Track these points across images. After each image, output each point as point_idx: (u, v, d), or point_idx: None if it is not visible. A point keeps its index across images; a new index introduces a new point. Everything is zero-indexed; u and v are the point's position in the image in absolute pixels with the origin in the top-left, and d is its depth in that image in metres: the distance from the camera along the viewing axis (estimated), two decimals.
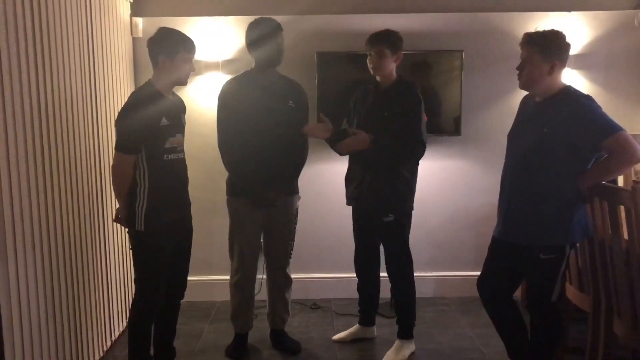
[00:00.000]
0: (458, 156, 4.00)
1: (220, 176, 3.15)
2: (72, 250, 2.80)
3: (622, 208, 2.43)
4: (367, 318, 3.39)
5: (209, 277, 3.99)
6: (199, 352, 3.29)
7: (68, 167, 2.77)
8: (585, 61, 3.88)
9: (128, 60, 3.69)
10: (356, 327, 3.40)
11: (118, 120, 2.60)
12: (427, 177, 3.94)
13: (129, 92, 3.34)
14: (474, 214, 4.02)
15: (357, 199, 3.14)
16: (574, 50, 3.84)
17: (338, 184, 3.88)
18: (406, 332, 3.19)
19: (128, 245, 2.74)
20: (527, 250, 2.49)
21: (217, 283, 3.94)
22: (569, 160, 2.40)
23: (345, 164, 3.92)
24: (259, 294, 3.36)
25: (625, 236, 2.44)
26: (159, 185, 2.60)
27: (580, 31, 3.87)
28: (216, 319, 3.75)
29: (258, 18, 2.99)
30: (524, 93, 2.62)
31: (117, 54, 3.47)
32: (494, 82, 3.92)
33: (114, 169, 2.62)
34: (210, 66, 3.79)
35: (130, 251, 2.73)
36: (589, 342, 2.79)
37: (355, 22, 3.82)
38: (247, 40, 2.97)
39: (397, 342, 3.18)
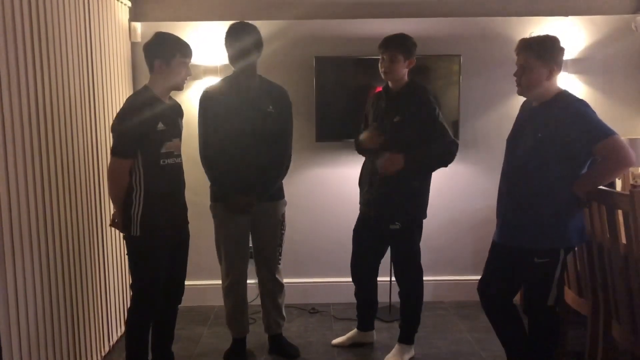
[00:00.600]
0: (456, 160, 3.92)
1: None
2: (70, 254, 2.79)
3: (620, 212, 2.44)
4: (366, 323, 3.37)
5: (207, 282, 3.99)
6: (198, 356, 3.29)
7: (66, 171, 2.77)
8: (582, 66, 3.90)
9: (127, 65, 3.70)
10: (355, 331, 3.39)
11: (114, 125, 2.60)
12: None
13: (127, 97, 3.34)
14: (472, 218, 4.03)
15: (365, 204, 3.14)
16: (571, 55, 3.87)
17: (338, 189, 3.90)
18: (408, 337, 3.18)
19: (125, 250, 2.73)
20: (522, 254, 2.50)
21: (215, 287, 3.91)
22: (563, 164, 2.41)
23: (344, 169, 3.93)
24: (257, 298, 3.35)
25: (624, 240, 2.45)
26: (155, 190, 2.60)
27: (577, 36, 3.89)
28: (215, 323, 3.75)
29: (237, 22, 2.97)
30: (522, 98, 2.63)
31: (115, 58, 3.47)
32: (492, 87, 3.93)
33: (110, 174, 2.61)
34: (208, 71, 3.80)
35: (127, 256, 2.72)
36: (588, 347, 2.79)
37: (353, 27, 3.83)
38: (228, 46, 2.93)
39: (397, 346, 3.17)
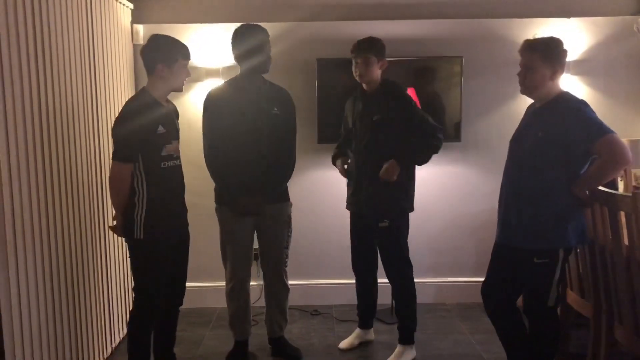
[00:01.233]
0: (458, 162, 4.00)
1: None
2: (72, 256, 2.80)
3: (622, 214, 2.44)
4: (364, 320, 3.40)
5: (209, 284, 3.99)
6: (200, 358, 3.29)
7: (69, 173, 2.78)
8: (584, 67, 3.90)
9: (129, 68, 3.70)
10: (358, 331, 3.41)
11: (114, 129, 2.59)
12: (427, 183, 3.95)
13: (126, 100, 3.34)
14: (474, 219, 4.02)
15: (354, 204, 3.19)
16: (573, 56, 3.87)
17: (338, 190, 3.89)
18: (407, 337, 3.18)
19: (127, 253, 2.73)
20: (522, 254, 2.50)
21: (217, 289, 3.93)
22: (563, 164, 2.42)
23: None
24: (259, 300, 3.36)
25: (626, 242, 2.45)
26: (157, 193, 2.60)
27: (579, 37, 3.89)
28: (217, 325, 3.75)
29: (244, 24, 2.98)
30: (524, 98, 2.63)
31: (118, 61, 3.48)
32: (494, 88, 3.93)
33: (111, 178, 2.61)
34: (211, 73, 3.80)
35: (129, 259, 2.72)
36: (590, 348, 2.79)
37: (355, 29, 3.83)
38: (233, 47, 2.95)
39: (398, 348, 3.18)
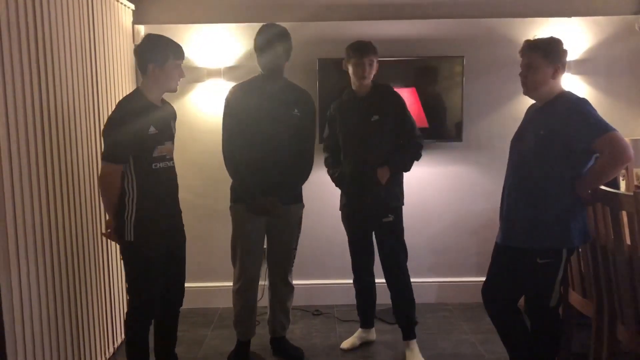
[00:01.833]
0: (459, 162, 4.00)
1: (222, 183, 3.15)
2: (74, 257, 2.80)
3: (624, 213, 2.44)
4: (367, 320, 3.42)
5: (211, 284, 3.99)
6: (201, 359, 3.29)
7: (71, 175, 2.78)
8: (586, 66, 3.90)
9: (130, 68, 3.70)
10: (360, 331, 3.42)
11: (105, 130, 2.55)
12: (428, 183, 3.95)
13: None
14: (475, 219, 4.02)
15: (355, 204, 3.19)
16: (575, 56, 3.86)
17: (339, 190, 3.89)
18: (412, 331, 3.21)
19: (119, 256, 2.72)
20: (524, 254, 2.50)
21: (219, 290, 3.94)
22: (565, 162, 2.42)
23: None
24: (262, 300, 3.36)
25: (628, 241, 2.44)
26: (147, 194, 2.56)
27: (580, 37, 3.89)
28: (218, 325, 3.75)
29: (267, 24, 2.98)
30: (526, 98, 2.63)
31: (119, 61, 3.48)
32: (495, 88, 3.93)
33: (101, 179, 2.57)
34: (212, 73, 3.81)
35: (122, 261, 2.70)
36: (593, 348, 2.78)
37: (356, 29, 3.83)
38: (256, 46, 2.95)
39: (409, 344, 3.20)
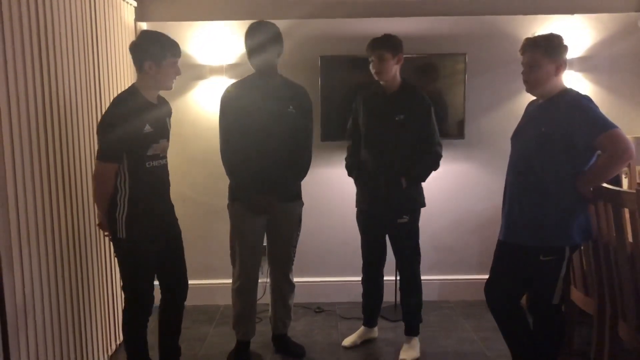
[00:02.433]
0: (462, 159, 4.00)
1: (225, 180, 3.14)
2: (76, 254, 2.81)
3: (626, 211, 2.43)
4: (373, 319, 3.43)
5: (213, 281, 4.00)
6: (203, 356, 3.30)
7: (73, 173, 2.78)
8: (588, 64, 3.89)
9: (132, 65, 3.67)
10: (363, 328, 3.42)
11: (100, 129, 2.52)
12: (430, 181, 3.93)
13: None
14: (478, 217, 4.02)
15: (371, 202, 3.16)
16: (577, 53, 3.86)
17: (342, 188, 3.89)
18: (415, 328, 3.24)
19: (113, 253, 2.73)
20: (527, 252, 2.50)
21: (221, 287, 3.95)
22: (567, 159, 2.41)
23: None
24: (263, 297, 3.36)
25: (630, 239, 2.44)
26: (139, 192, 2.55)
27: (583, 34, 3.88)
28: (220, 323, 3.75)
29: (256, 22, 2.97)
30: (528, 95, 2.63)
31: (121, 58, 3.48)
32: (498, 85, 3.92)
33: (95, 178, 2.57)
34: (214, 70, 3.81)
35: (115, 258, 2.71)
36: (594, 346, 2.78)
37: (358, 26, 3.83)
38: (247, 45, 2.95)
39: (409, 340, 3.22)
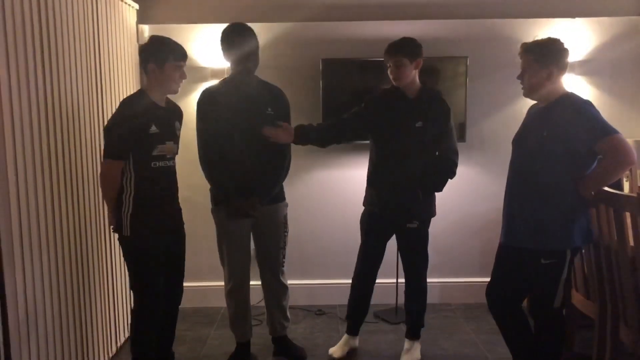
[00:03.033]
0: (463, 162, 3.97)
1: None
2: (77, 256, 2.81)
3: (627, 214, 2.43)
4: (358, 327, 3.33)
5: (214, 283, 3.99)
6: (203, 358, 3.29)
7: (74, 173, 2.79)
8: (589, 67, 3.89)
9: (134, 68, 3.71)
10: (348, 337, 3.31)
11: (107, 127, 2.61)
12: None
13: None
14: (479, 220, 4.02)
15: (382, 205, 3.08)
16: (579, 57, 3.86)
17: (343, 191, 3.90)
18: (417, 332, 3.21)
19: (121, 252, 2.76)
20: (528, 255, 2.51)
21: (222, 289, 3.91)
22: (568, 164, 2.42)
23: (350, 170, 3.93)
24: (261, 300, 3.36)
25: (631, 242, 2.44)
26: (145, 192, 2.61)
27: (584, 37, 3.88)
28: (221, 325, 3.75)
29: (231, 24, 2.96)
30: (529, 99, 2.63)
31: (123, 61, 3.49)
32: (499, 88, 3.92)
33: (102, 175, 2.63)
34: (216, 73, 3.81)
35: (123, 258, 2.75)
36: (596, 350, 2.78)
37: (360, 29, 3.84)
38: (223, 48, 2.93)
39: (409, 343, 3.20)
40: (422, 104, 2.98)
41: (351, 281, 3.28)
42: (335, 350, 3.27)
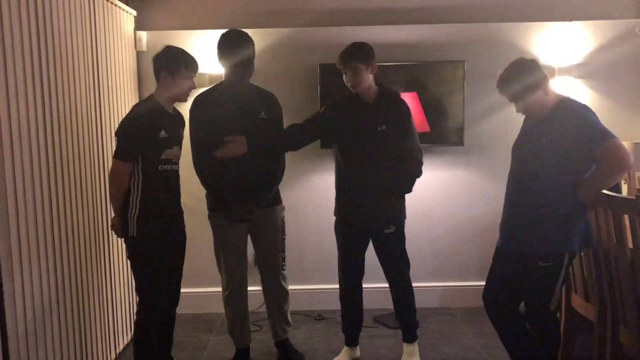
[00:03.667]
0: (461, 166, 4.00)
1: None
2: (77, 261, 2.81)
3: (626, 217, 2.43)
4: (356, 338, 3.27)
5: (214, 289, 3.97)
6: None
7: (74, 179, 2.79)
8: (586, 70, 3.90)
9: (132, 74, 3.72)
10: (348, 349, 3.23)
11: (119, 130, 2.69)
12: (430, 187, 3.95)
13: (133, 104, 3.37)
14: (477, 223, 4.02)
15: (354, 214, 3.03)
16: (576, 60, 3.87)
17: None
18: (413, 334, 3.19)
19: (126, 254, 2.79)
20: (526, 258, 2.51)
21: (221, 295, 3.93)
22: (566, 169, 2.43)
23: None
24: (263, 305, 3.36)
25: (630, 245, 2.44)
26: (151, 193, 2.67)
27: (581, 41, 3.89)
28: (221, 331, 3.74)
29: (228, 30, 2.98)
30: None
31: (121, 67, 3.50)
32: (497, 92, 3.88)
33: (111, 176, 2.70)
34: (214, 79, 3.81)
35: (128, 260, 2.78)
36: (595, 352, 2.78)
37: (357, 34, 3.83)
38: (219, 53, 2.94)
39: (408, 347, 3.18)
40: (382, 107, 2.97)
41: (339, 296, 3.20)
42: None
